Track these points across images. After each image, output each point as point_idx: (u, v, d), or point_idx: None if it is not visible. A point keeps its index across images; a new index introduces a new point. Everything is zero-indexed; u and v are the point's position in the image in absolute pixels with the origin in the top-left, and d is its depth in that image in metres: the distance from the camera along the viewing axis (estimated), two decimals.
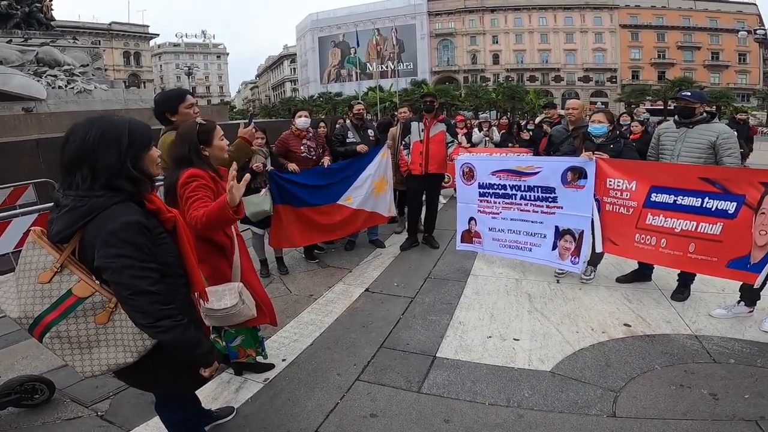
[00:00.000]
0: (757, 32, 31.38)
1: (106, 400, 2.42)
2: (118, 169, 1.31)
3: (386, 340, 2.98)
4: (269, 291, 3.86)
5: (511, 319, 3.21)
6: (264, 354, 2.61)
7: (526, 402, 2.30)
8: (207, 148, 2.05)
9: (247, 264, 2.29)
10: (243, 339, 2.41)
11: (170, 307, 1.35)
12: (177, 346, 1.39)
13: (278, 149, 4.32)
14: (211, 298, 1.88)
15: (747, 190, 2.80)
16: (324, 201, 4.37)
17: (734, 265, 2.87)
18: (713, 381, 2.40)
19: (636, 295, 3.54)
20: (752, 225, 2.77)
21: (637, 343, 2.85)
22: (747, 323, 3.03)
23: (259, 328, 2.53)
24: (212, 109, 22.82)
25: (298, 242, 4.39)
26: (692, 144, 3.20)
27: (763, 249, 2.75)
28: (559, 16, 54.05)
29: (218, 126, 2.14)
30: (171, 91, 2.75)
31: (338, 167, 4.51)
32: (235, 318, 2.05)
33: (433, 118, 4.56)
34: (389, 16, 58.63)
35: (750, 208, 2.78)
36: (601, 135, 3.52)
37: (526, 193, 3.74)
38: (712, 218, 2.92)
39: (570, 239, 3.59)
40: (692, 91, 3.39)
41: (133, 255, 1.28)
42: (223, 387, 2.53)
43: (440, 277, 4.08)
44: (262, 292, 2.34)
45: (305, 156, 4.36)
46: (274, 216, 4.05)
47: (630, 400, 2.27)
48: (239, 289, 2.02)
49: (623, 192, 3.31)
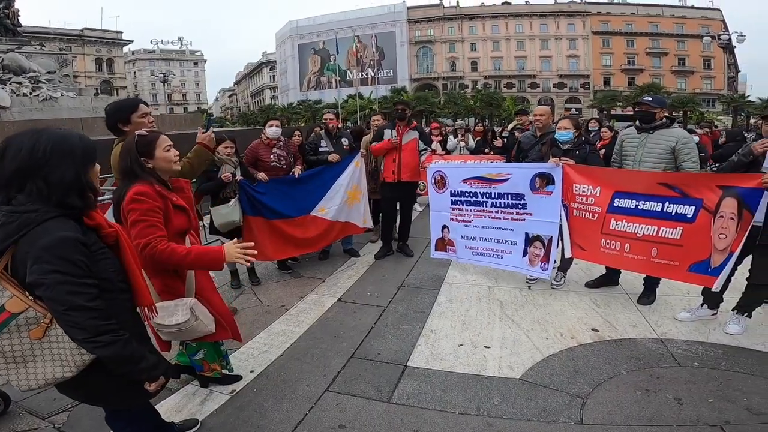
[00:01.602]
0: (720, 38, 32.50)
1: (64, 412, 2.34)
2: (74, 184, 1.31)
3: (357, 350, 2.96)
4: (240, 302, 3.83)
5: (482, 327, 3.22)
6: (229, 368, 2.57)
7: (495, 410, 2.30)
8: (150, 160, 1.97)
9: (205, 279, 2.23)
10: (205, 353, 2.38)
11: (110, 323, 1.34)
12: (117, 361, 1.38)
13: (248, 158, 4.25)
14: (162, 313, 1.87)
15: (705, 194, 2.86)
16: (298, 212, 4.31)
17: (695, 269, 2.93)
18: (678, 385, 2.44)
19: (604, 299, 3.60)
20: (711, 229, 2.83)
21: (605, 347, 2.88)
22: (711, 326, 3.10)
23: (222, 343, 2.48)
24: (187, 117, 22.42)
25: (272, 256, 4.30)
26: (653, 149, 3.28)
27: (723, 253, 2.80)
28: (534, 23, 55.33)
29: (163, 136, 2.05)
30: (124, 101, 2.67)
31: (309, 176, 4.45)
32: (188, 334, 2.03)
33: (406, 126, 4.57)
34: (369, 23, 59.08)
35: (708, 212, 2.84)
36: (567, 141, 3.58)
37: (497, 200, 3.77)
38: (672, 222, 2.98)
39: (539, 246, 3.62)
40: (653, 96, 3.47)
41: (68, 271, 1.27)
42: (187, 399, 2.47)
43: (414, 286, 4.07)
44: (222, 308, 2.28)
45: (275, 165, 4.30)
46: (245, 227, 3.97)
47: (597, 407, 2.28)
48: (191, 305, 1.98)
49: (588, 197, 3.36)
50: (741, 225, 2.72)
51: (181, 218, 2.03)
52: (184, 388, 2.55)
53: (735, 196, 2.73)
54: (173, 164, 2.05)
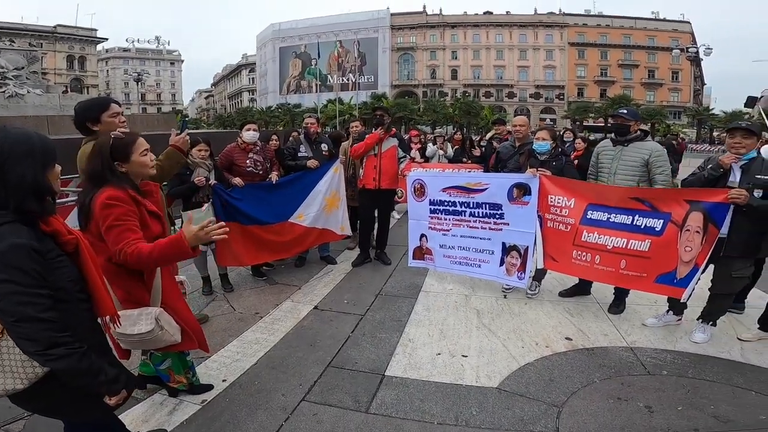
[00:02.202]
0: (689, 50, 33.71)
1: (20, 420, 2.23)
2: (32, 186, 1.25)
3: (334, 358, 2.91)
4: (212, 309, 3.73)
5: (460, 336, 3.22)
6: (195, 380, 2.48)
7: (473, 420, 2.30)
8: (124, 164, 1.88)
9: (171, 287, 2.15)
10: (171, 363, 2.32)
11: (64, 335, 1.28)
12: (73, 374, 1.32)
13: (222, 162, 4.15)
14: (125, 322, 1.80)
15: (673, 208, 2.95)
16: (275, 219, 4.22)
17: (662, 281, 3.02)
18: (648, 393, 2.49)
19: (577, 308, 3.67)
20: (678, 242, 2.92)
21: (578, 356, 2.93)
22: (677, 334, 3.20)
23: (188, 353, 2.40)
24: (161, 117, 21.85)
25: (246, 261, 4.22)
26: (627, 162, 3.37)
27: (689, 265, 2.90)
28: (514, 33, 56.73)
29: (141, 139, 1.96)
30: (95, 99, 2.57)
31: (286, 182, 4.38)
32: (152, 344, 1.97)
33: (385, 133, 4.56)
34: (352, 28, 59.34)
35: (676, 226, 2.93)
36: (544, 152, 3.64)
37: (475, 210, 3.79)
38: (641, 235, 3.07)
39: (516, 255, 3.66)
40: (628, 109, 3.57)
41: (19, 280, 1.20)
42: (155, 408, 2.38)
43: (391, 294, 4.05)
44: (189, 317, 2.21)
45: (251, 170, 4.21)
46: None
47: (572, 416, 2.31)
48: (156, 314, 1.92)
49: (563, 209, 3.43)
50: (706, 238, 2.82)
51: (156, 225, 1.97)
52: (150, 397, 2.46)
53: (701, 211, 2.83)
54: (149, 169, 1.98)
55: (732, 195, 2.69)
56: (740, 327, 3.27)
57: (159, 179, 2.45)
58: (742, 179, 2.79)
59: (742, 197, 2.66)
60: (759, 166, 2.78)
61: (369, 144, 4.50)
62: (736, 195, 2.67)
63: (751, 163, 2.80)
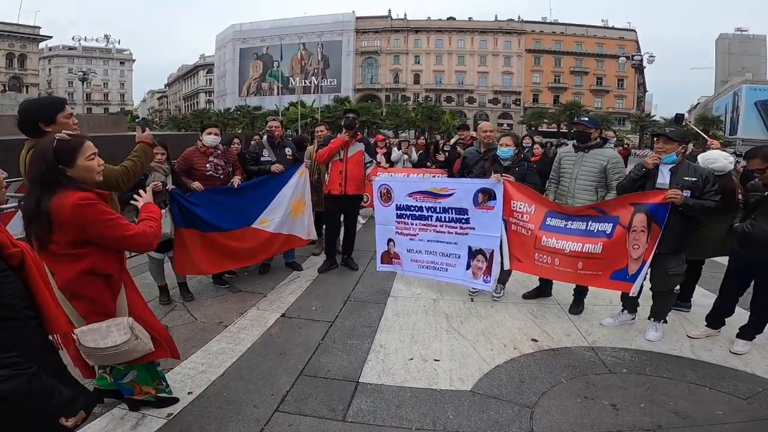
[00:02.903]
0: (634, 58, 35.89)
1: None
2: None
3: (306, 367, 2.84)
4: (170, 319, 3.55)
5: (431, 340, 3.24)
6: (168, 390, 2.37)
7: (451, 424, 2.30)
8: (69, 169, 1.74)
9: (135, 296, 2.07)
10: (136, 375, 2.20)
11: (10, 355, 1.19)
12: (21, 396, 1.23)
13: (180, 166, 3.96)
14: (94, 336, 1.76)
15: (620, 212, 3.17)
16: (236, 225, 4.06)
17: (616, 277, 3.22)
18: (612, 391, 2.59)
19: (540, 310, 3.78)
20: (626, 241, 3.13)
21: (545, 357, 3.01)
22: (632, 333, 3.37)
23: (158, 363, 2.29)
24: (109, 118, 20.65)
25: (207, 269, 4.03)
26: (588, 167, 3.54)
27: (638, 261, 3.11)
28: (475, 39, 58.31)
29: (88, 142, 1.83)
30: (47, 98, 2.43)
31: (249, 186, 4.23)
32: (128, 355, 1.89)
33: (352, 137, 4.52)
34: (316, 31, 58.91)
35: (623, 227, 3.14)
36: (508, 158, 3.74)
37: (441, 215, 3.83)
38: (594, 239, 3.26)
39: (482, 259, 3.72)
40: (589, 117, 3.77)
41: None
42: (115, 423, 2.24)
43: (360, 300, 4.01)
44: (157, 324, 2.13)
45: (211, 174, 4.04)
46: (176, 240, 3.68)
47: (544, 416, 2.37)
48: (130, 323, 1.86)
49: (524, 214, 3.55)
50: (651, 236, 3.05)
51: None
52: (109, 411, 2.31)
53: (644, 212, 3.06)
54: (96, 175, 1.85)
55: (669, 195, 2.91)
56: (688, 325, 3.48)
57: (134, 179, 2.41)
58: (672, 180, 3.03)
59: (678, 197, 2.89)
60: (686, 169, 3.04)
61: (333, 148, 4.44)
62: (672, 195, 2.90)
63: (678, 166, 3.05)
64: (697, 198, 2.95)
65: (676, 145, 3.06)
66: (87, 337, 1.78)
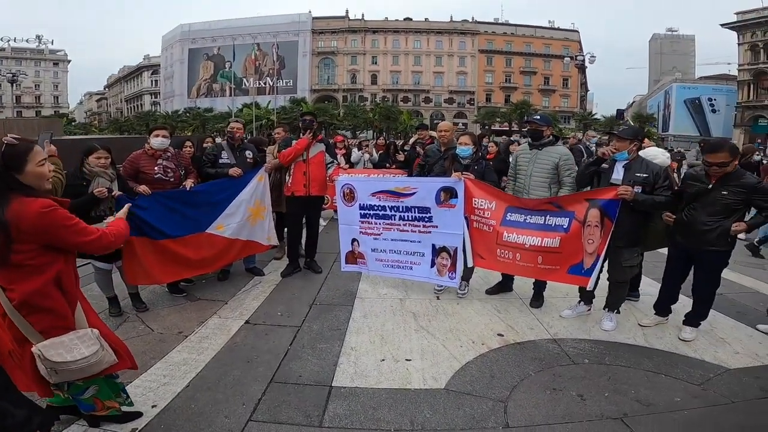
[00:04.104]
0: (577, 58, 37.71)
1: None
2: None
3: (276, 374, 2.77)
4: (124, 331, 3.34)
5: (401, 340, 3.23)
6: (128, 402, 2.26)
7: (428, 423, 2.30)
8: (17, 175, 1.65)
9: (88, 307, 2.00)
10: (97, 389, 2.08)
11: None
12: None
13: (127, 170, 3.72)
14: (59, 350, 1.72)
15: (575, 207, 3.30)
16: (188, 230, 3.82)
17: (573, 271, 3.34)
18: (577, 382, 2.68)
19: (503, 305, 3.88)
20: (582, 236, 3.26)
21: (512, 351, 3.08)
22: (590, 323, 3.52)
23: (117, 375, 2.19)
24: (42, 122, 19.18)
25: (161, 279, 3.79)
26: (541, 164, 3.66)
27: (592, 255, 3.24)
28: (431, 40, 59.12)
29: (37, 147, 1.74)
30: None
31: (204, 190, 4.04)
32: (95, 367, 1.86)
33: (313, 138, 4.43)
34: (271, 31, 57.76)
35: (579, 222, 3.27)
36: (467, 156, 3.80)
37: (405, 214, 3.84)
38: (552, 233, 3.38)
39: (446, 256, 3.77)
40: (541, 115, 3.90)
41: None
42: None
43: (326, 303, 3.94)
44: (112, 335, 2.05)
45: (160, 177, 3.82)
46: (125, 249, 3.42)
47: (518, 409, 2.41)
48: (96, 334, 1.85)
49: (485, 211, 3.62)
50: (604, 231, 3.19)
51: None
52: (68, 428, 2.19)
53: (598, 207, 3.19)
54: (45, 182, 1.77)
55: (620, 192, 3.06)
56: (639, 314, 3.68)
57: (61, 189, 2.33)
58: (625, 176, 3.19)
59: (629, 193, 3.04)
60: (638, 166, 3.20)
61: (298, 149, 4.34)
62: (623, 192, 3.05)
63: (632, 163, 3.21)
64: (649, 193, 3.12)
65: (628, 143, 3.22)
66: (51, 352, 1.72)
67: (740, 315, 3.71)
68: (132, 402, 2.28)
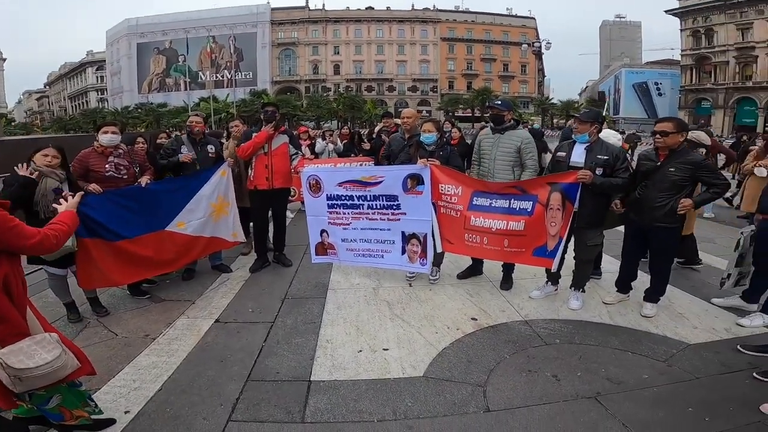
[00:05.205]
0: (534, 45, 38.66)
1: None
2: None
3: (252, 372, 2.70)
4: (85, 337, 3.18)
5: (376, 330, 3.22)
6: (99, 410, 2.17)
7: (410, 411, 2.31)
8: None
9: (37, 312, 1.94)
10: (61, 398, 2.00)
11: None
12: None
13: (76, 169, 3.49)
14: (19, 357, 1.68)
15: (538, 191, 3.38)
16: (146, 229, 3.62)
17: (537, 254, 3.44)
18: (551, 363, 2.75)
19: (475, 289, 3.94)
20: (545, 219, 3.35)
21: (486, 335, 3.13)
22: (557, 303, 3.62)
23: (80, 383, 2.10)
24: None
25: (120, 281, 3.60)
26: (504, 148, 3.71)
27: (555, 238, 3.34)
28: (393, 29, 58.80)
29: None
30: None
31: (161, 186, 3.84)
32: (61, 372, 1.80)
33: (275, 130, 4.29)
34: (227, 23, 55.77)
35: (542, 205, 3.36)
36: (431, 143, 3.79)
37: (373, 203, 3.80)
38: (516, 217, 3.46)
39: (416, 243, 3.78)
40: (502, 100, 3.95)
41: None
42: None
43: (298, 296, 3.87)
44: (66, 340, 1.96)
45: (111, 175, 3.61)
46: (80, 252, 3.22)
47: (496, 392, 2.45)
48: (56, 338, 1.81)
49: (452, 196, 3.65)
50: (565, 214, 3.29)
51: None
52: None
53: (559, 191, 3.28)
54: None
55: (579, 176, 3.16)
56: (602, 291, 3.81)
57: None
58: (587, 158, 3.29)
59: (587, 177, 3.15)
60: (599, 148, 3.30)
61: (258, 142, 4.19)
62: (582, 176, 3.16)
63: (593, 145, 3.31)
64: (609, 175, 3.22)
65: (588, 125, 3.31)
66: (12, 359, 1.68)
67: (695, 289, 3.87)
68: (101, 410, 2.19)
